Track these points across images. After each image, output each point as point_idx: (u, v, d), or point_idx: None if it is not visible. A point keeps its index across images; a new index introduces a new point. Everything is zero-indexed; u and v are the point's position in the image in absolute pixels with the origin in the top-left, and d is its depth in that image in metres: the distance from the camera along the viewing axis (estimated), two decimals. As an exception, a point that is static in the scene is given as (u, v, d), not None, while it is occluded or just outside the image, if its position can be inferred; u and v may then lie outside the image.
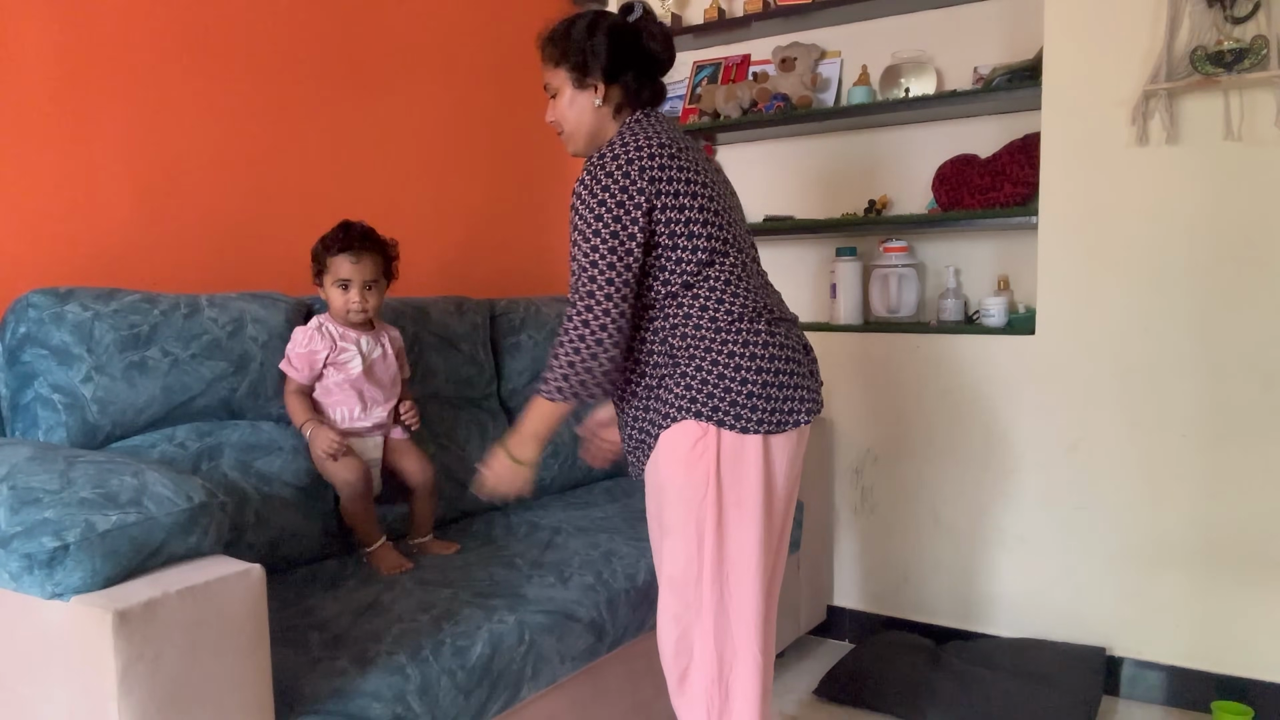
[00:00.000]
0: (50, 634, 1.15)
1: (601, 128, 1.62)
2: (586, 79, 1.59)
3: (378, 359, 1.98)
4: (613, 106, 1.61)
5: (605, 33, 1.58)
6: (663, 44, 1.63)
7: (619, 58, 1.58)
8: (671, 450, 1.56)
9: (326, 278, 1.92)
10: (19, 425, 1.64)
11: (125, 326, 1.70)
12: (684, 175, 1.53)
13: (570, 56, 1.59)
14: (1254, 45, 2.15)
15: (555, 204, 3.21)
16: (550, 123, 1.66)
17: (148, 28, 2.01)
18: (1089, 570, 2.48)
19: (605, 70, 1.58)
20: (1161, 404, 2.36)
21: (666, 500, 1.59)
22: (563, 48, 1.60)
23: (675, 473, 1.55)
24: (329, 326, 1.93)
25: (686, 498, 1.55)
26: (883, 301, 2.82)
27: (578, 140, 1.65)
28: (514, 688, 1.59)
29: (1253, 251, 2.24)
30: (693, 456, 1.53)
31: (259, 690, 1.24)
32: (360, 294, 1.91)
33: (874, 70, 2.90)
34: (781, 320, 1.61)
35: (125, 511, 1.18)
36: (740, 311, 1.55)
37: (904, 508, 2.73)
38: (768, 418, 1.53)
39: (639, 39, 1.60)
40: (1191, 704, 2.37)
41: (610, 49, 1.58)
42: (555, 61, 1.61)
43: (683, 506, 1.56)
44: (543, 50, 1.63)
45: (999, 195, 2.58)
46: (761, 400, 1.53)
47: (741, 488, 1.54)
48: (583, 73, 1.59)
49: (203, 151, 2.13)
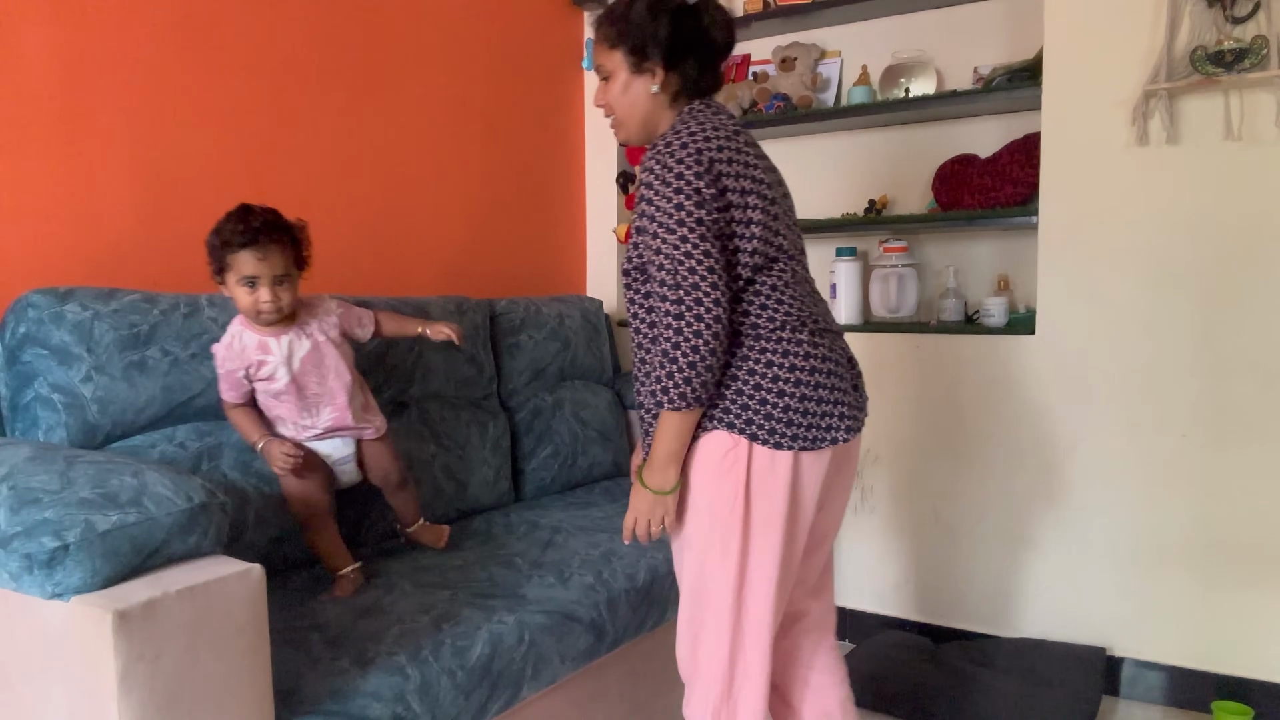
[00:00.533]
0: (50, 634, 1.15)
1: (656, 115, 1.55)
2: (645, 63, 1.51)
3: (307, 355, 1.77)
4: (670, 94, 1.53)
5: (668, 15, 1.49)
6: (724, 30, 1.54)
7: (680, 42, 1.49)
8: (700, 461, 1.48)
9: (229, 276, 1.68)
10: (19, 425, 1.64)
11: (125, 326, 1.70)
12: (749, 172, 1.46)
13: (629, 38, 1.50)
14: (1254, 45, 2.15)
15: (555, 204, 3.21)
16: (599, 106, 1.58)
17: (148, 28, 2.01)
18: (1089, 570, 2.48)
19: (665, 55, 1.49)
20: (1161, 404, 2.36)
21: (690, 511, 1.51)
22: (621, 28, 1.51)
23: (703, 484, 1.48)
24: (240, 338, 1.73)
25: (714, 511, 1.47)
26: (883, 301, 2.82)
27: (629, 127, 1.57)
28: (514, 688, 1.59)
29: (1253, 251, 2.24)
30: (722, 468, 1.46)
31: (259, 690, 1.24)
32: (271, 291, 1.68)
33: (874, 70, 2.90)
34: (825, 331, 1.52)
35: (125, 511, 1.18)
36: (784, 320, 1.46)
37: (904, 508, 2.73)
38: (802, 434, 1.45)
39: (700, 22, 1.52)
40: (1191, 704, 2.37)
41: (672, 32, 1.49)
42: (611, 43, 1.52)
43: (708, 519, 1.48)
44: (598, 29, 1.55)
45: (999, 195, 2.58)
46: (798, 415, 1.44)
47: (774, 504, 1.46)
48: (641, 56, 1.50)
49: (203, 151, 2.13)
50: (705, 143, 1.42)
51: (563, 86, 3.21)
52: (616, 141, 1.58)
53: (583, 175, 3.33)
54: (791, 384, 1.44)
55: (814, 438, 1.46)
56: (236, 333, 1.73)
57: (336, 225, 2.44)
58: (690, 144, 1.42)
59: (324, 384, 1.79)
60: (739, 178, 1.44)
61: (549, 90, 3.15)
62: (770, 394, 1.44)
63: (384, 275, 2.56)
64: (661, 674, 2.05)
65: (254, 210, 1.69)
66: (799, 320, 1.48)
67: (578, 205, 3.32)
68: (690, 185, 1.39)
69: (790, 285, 1.49)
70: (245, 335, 1.72)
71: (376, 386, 2.19)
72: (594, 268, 3.34)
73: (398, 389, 2.25)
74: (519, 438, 2.55)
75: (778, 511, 1.47)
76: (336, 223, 2.44)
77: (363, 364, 2.15)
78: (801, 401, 1.44)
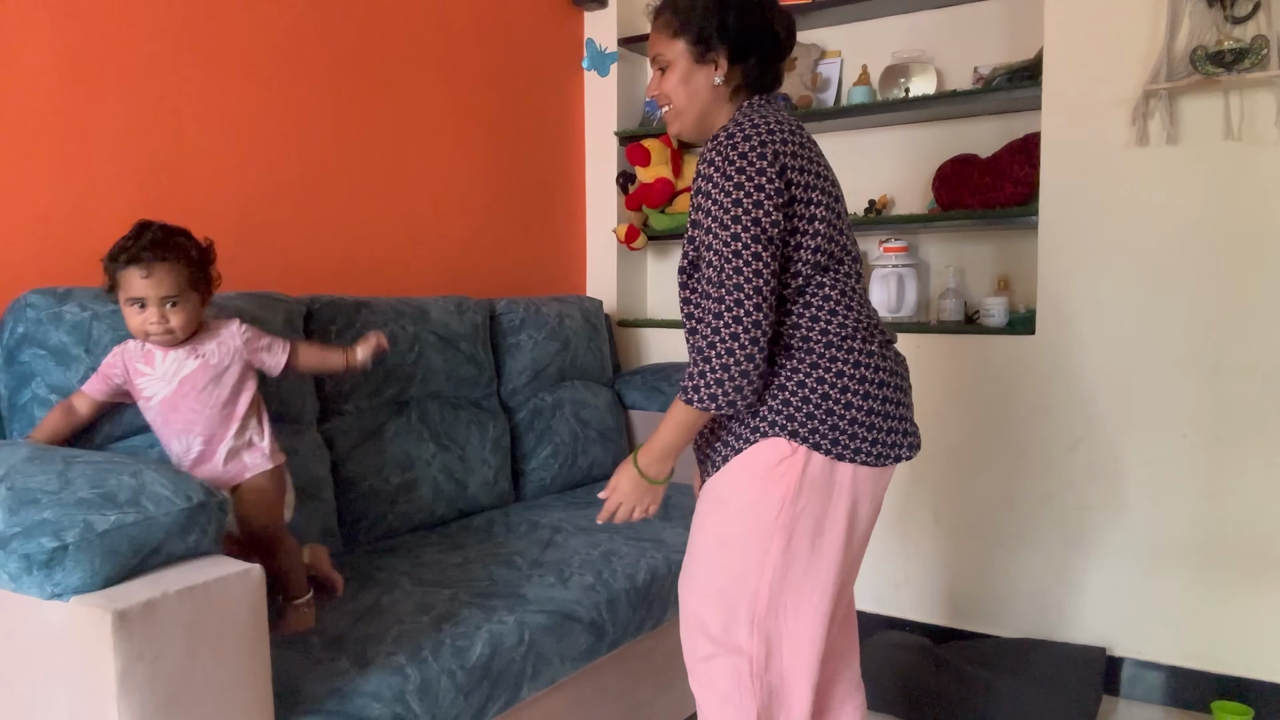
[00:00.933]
0: (50, 634, 1.14)
1: (714, 109, 1.49)
2: (709, 53, 1.45)
3: (193, 375, 1.59)
4: (731, 88, 1.47)
5: (735, 6, 1.44)
6: (787, 27, 1.49)
7: (747, 35, 1.44)
8: (749, 465, 1.41)
9: (119, 294, 1.55)
10: (17, 425, 1.64)
11: (123, 327, 1.69)
12: (812, 168, 1.41)
13: (693, 27, 1.44)
14: (1254, 45, 2.15)
15: (555, 204, 3.21)
16: (654, 97, 1.52)
17: (148, 28, 2.01)
18: (1089, 570, 2.48)
19: (731, 47, 1.44)
20: (1161, 404, 2.36)
21: (729, 512, 1.44)
22: (685, 17, 1.45)
23: (747, 487, 1.41)
24: (131, 345, 1.60)
25: (757, 514, 1.40)
26: (883, 301, 2.82)
27: (686, 119, 1.50)
28: (514, 688, 1.59)
29: (1253, 251, 2.23)
30: (773, 475, 1.39)
31: (259, 690, 1.24)
32: (158, 312, 1.53)
33: (874, 70, 2.90)
34: (889, 343, 1.47)
35: (124, 511, 1.18)
36: (854, 327, 1.41)
37: (904, 508, 2.73)
38: (866, 447, 1.39)
39: (766, 17, 1.47)
40: (1191, 704, 2.37)
41: (740, 24, 1.44)
42: (674, 32, 1.46)
43: (751, 520, 1.41)
44: (658, 18, 1.49)
45: (999, 195, 2.58)
46: (864, 429, 1.38)
47: (823, 517, 1.40)
48: (706, 46, 1.45)
49: (203, 151, 2.13)
50: (769, 135, 1.37)
51: (563, 86, 3.21)
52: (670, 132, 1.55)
53: (583, 175, 3.33)
54: (861, 395, 1.39)
55: (878, 453, 1.40)
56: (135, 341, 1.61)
57: (336, 225, 2.44)
58: (754, 136, 1.36)
59: (201, 412, 1.58)
60: (804, 172, 1.39)
61: (549, 90, 3.15)
62: (838, 404, 1.38)
63: (384, 275, 2.56)
64: (661, 674, 2.05)
65: (150, 226, 1.55)
66: (868, 329, 1.43)
67: (578, 205, 3.32)
68: (752, 181, 1.34)
69: (855, 291, 1.45)
70: (135, 341, 1.61)
71: (376, 387, 2.20)
72: (594, 268, 3.34)
73: (398, 389, 2.25)
74: (519, 438, 2.55)
75: (836, 525, 1.41)
76: (336, 223, 2.44)
77: (362, 364, 2.15)
78: (869, 415, 1.39)
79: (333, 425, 2.10)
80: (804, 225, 1.39)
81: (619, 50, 3.23)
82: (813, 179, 1.40)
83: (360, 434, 2.13)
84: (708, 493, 1.49)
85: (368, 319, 2.18)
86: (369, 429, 2.15)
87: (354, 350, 1.80)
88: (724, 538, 1.45)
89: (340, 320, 2.13)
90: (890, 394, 1.42)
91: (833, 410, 1.38)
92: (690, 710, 2.13)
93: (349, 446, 2.10)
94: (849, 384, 1.38)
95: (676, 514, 2.34)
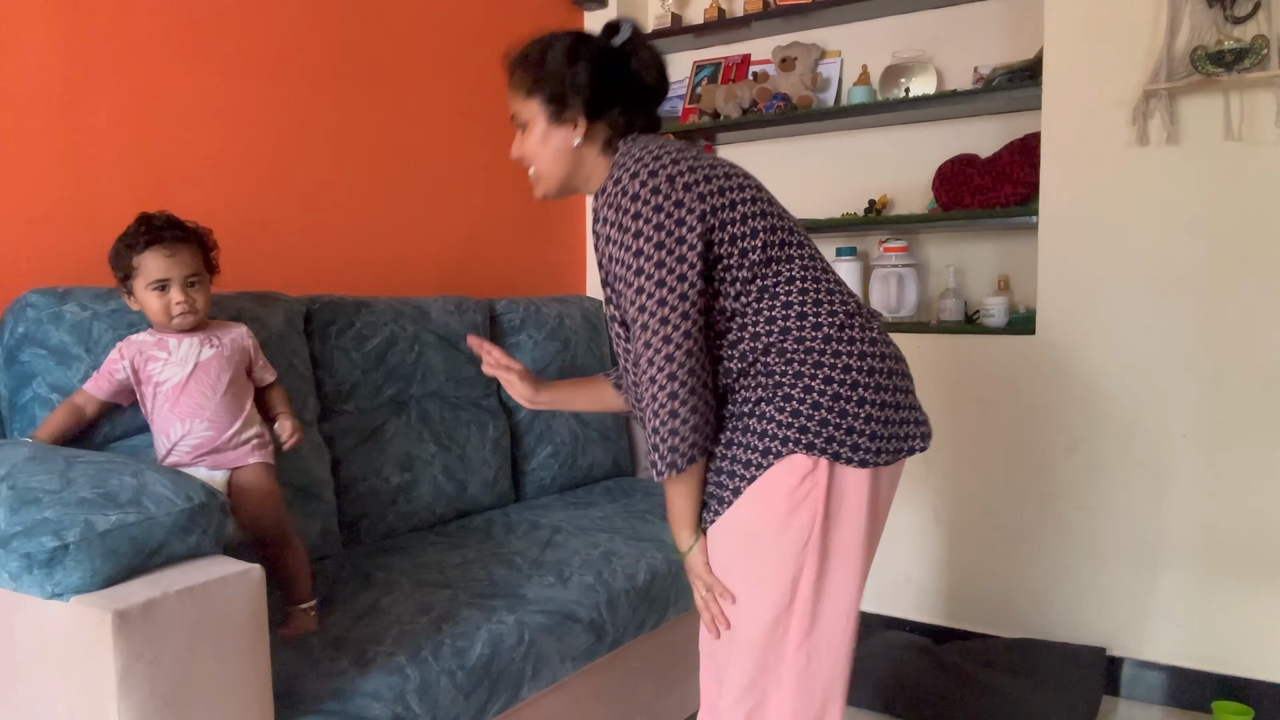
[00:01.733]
0: (50, 634, 1.14)
1: (580, 168, 1.40)
2: (565, 113, 1.36)
3: (207, 362, 1.61)
4: (599, 144, 1.38)
5: (589, 60, 1.35)
6: (656, 72, 1.40)
7: (604, 90, 1.35)
8: (768, 492, 1.27)
9: (137, 282, 1.57)
10: (17, 425, 1.64)
11: (123, 326, 1.69)
12: (717, 172, 1.30)
13: (545, 86, 1.36)
14: (1254, 45, 2.15)
15: (555, 204, 3.21)
16: (516, 159, 1.44)
17: (148, 28, 2.01)
18: (1089, 570, 2.48)
19: (588, 104, 1.35)
20: (1162, 404, 2.36)
21: (756, 551, 1.30)
22: (536, 75, 1.37)
23: (772, 516, 1.28)
24: (138, 338, 1.61)
25: (784, 546, 1.28)
26: (883, 301, 2.82)
27: (549, 182, 1.42)
28: (514, 688, 1.58)
29: (1253, 251, 2.23)
30: (796, 497, 1.26)
31: (259, 690, 1.24)
32: (183, 292, 1.56)
33: (874, 70, 2.90)
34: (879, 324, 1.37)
35: (125, 511, 1.18)
36: (846, 313, 1.31)
37: (904, 508, 2.73)
38: (886, 445, 1.29)
39: (627, 65, 1.37)
40: (1191, 704, 2.37)
41: (594, 79, 1.34)
42: (527, 90, 1.38)
43: (777, 556, 1.29)
44: (511, 75, 1.41)
45: (999, 195, 2.58)
46: (880, 424, 1.28)
47: (851, 525, 1.30)
48: (560, 105, 1.36)
49: (203, 151, 2.13)
50: (657, 162, 1.27)
51: (562, 86, 3.21)
52: (536, 195, 1.47)
53: (582, 175, 3.33)
54: (872, 389, 1.28)
55: (895, 448, 1.30)
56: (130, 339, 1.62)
57: (336, 225, 2.44)
58: (643, 172, 1.26)
59: (211, 398, 1.59)
60: (709, 180, 1.28)
61: (549, 90, 3.15)
62: (851, 403, 1.26)
63: (384, 275, 2.56)
64: (661, 674, 2.05)
65: (154, 215, 1.59)
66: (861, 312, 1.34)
67: (578, 205, 3.32)
68: (651, 223, 1.24)
69: (828, 272, 1.35)
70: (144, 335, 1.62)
71: (377, 386, 2.20)
72: (593, 268, 3.34)
73: (398, 389, 2.25)
74: (519, 438, 2.55)
75: (857, 537, 1.31)
76: (336, 223, 2.44)
77: (363, 363, 2.15)
78: (883, 409, 1.28)
79: (333, 425, 2.10)
80: (738, 229, 1.28)
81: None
82: (722, 181, 1.29)
83: (360, 434, 2.13)
84: (724, 530, 1.33)
85: (368, 319, 2.18)
86: (369, 429, 2.15)
87: (285, 425, 1.71)
88: (757, 578, 1.31)
89: (340, 320, 2.13)
90: (899, 381, 1.33)
91: (847, 411, 1.26)
92: (690, 710, 2.13)
93: (349, 446, 2.10)
94: (859, 378, 1.27)
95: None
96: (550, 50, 1.38)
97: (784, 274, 1.31)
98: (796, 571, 1.29)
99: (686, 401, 1.25)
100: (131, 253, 1.56)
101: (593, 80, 1.35)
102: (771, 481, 1.27)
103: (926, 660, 2.45)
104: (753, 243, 1.29)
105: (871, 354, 1.30)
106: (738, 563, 1.33)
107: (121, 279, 1.59)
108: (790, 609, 1.30)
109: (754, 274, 1.29)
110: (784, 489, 1.27)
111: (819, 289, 1.32)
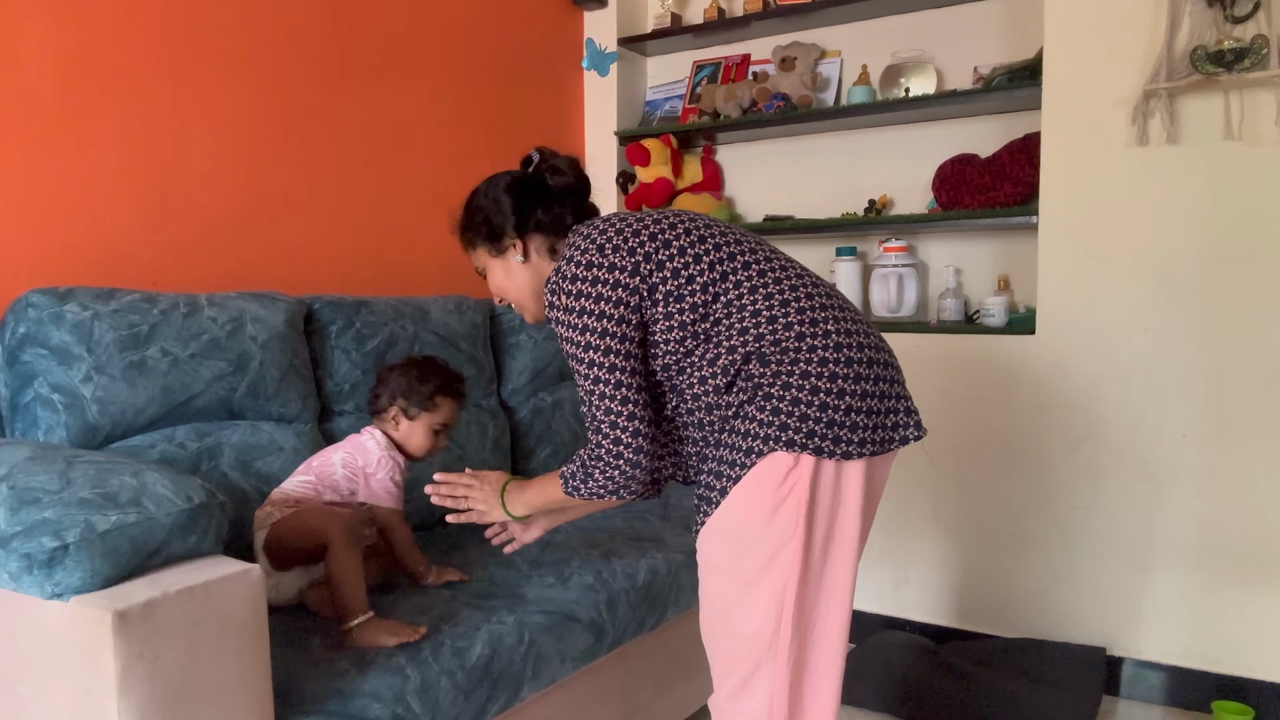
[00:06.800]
0: (50, 634, 1.15)
1: (541, 279, 1.51)
2: (503, 241, 1.50)
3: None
4: (544, 251, 1.51)
5: (504, 189, 1.50)
6: (573, 174, 1.53)
7: (525, 206, 1.49)
8: (753, 491, 1.31)
9: (420, 417, 1.81)
10: (19, 425, 1.64)
11: (125, 326, 1.70)
12: (645, 221, 1.41)
13: (480, 230, 1.51)
14: (1254, 45, 2.15)
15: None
16: (499, 303, 1.60)
17: (148, 28, 2.01)
18: (1089, 570, 2.48)
19: (516, 224, 1.49)
20: (1162, 404, 2.36)
21: (744, 547, 1.34)
22: (470, 230, 1.53)
23: (758, 514, 1.31)
24: (392, 454, 1.81)
25: (771, 542, 1.32)
26: (883, 301, 2.82)
27: (530, 305, 1.54)
28: (514, 688, 1.59)
29: (1253, 251, 2.23)
30: (779, 495, 1.30)
31: (259, 690, 1.24)
32: (448, 438, 1.87)
33: (874, 70, 2.90)
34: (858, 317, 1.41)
35: (125, 511, 1.18)
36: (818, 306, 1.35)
37: (904, 508, 2.73)
38: (871, 435, 1.31)
39: (543, 181, 1.52)
40: (1191, 704, 2.37)
41: (514, 202, 1.49)
42: (471, 244, 1.55)
43: (765, 553, 1.32)
44: (460, 239, 1.57)
45: (999, 195, 2.58)
46: (863, 415, 1.30)
47: (836, 523, 1.33)
48: (497, 238, 1.50)
49: (203, 151, 2.13)
50: (587, 240, 1.40)
51: (563, 86, 3.21)
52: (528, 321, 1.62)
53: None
54: (853, 380, 1.31)
55: (881, 439, 1.33)
56: (386, 451, 1.80)
57: (337, 225, 2.44)
58: (574, 255, 1.39)
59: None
60: (638, 234, 1.39)
61: (549, 90, 3.15)
62: (831, 395, 1.29)
63: (384, 275, 2.56)
64: (661, 674, 2.05)
65: (439, 362, 1.87)
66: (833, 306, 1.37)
67: (578, 205, 3.32)
68: (587, 300, 1.36)
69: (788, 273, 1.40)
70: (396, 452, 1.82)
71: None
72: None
73: (398, 389, 2.24)
74: (519, 438, 2.55)
75: (848, 529, 1.34)
76: (337, 223, 2.44)
77: (363, 364, 2.15)
78: (864, 399, 1.31)
79: (333, 425, 2.10)
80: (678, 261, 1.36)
81: (619, 50, 3.23)
82: (653, 228, 1.40)
83: (360, 434, 2.13)
84: (713, 531, 1.37)
85: (368, 319, 2.18)
86: (369, 429, 2.15)
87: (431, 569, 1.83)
88: (746, 576, 1.35)
89: (340, 320, 2.13)
90: (880, 371, 1.35)
91: (827, 404, 1.29)
92: (690, 710, 2.14)
93: (349, 446, 2.10)
94: (836, 369, 1.30)
95: (676, 514, 2.34)
96: (472, 199, 1.55)
97: (745, 284, 1.36)
98: (785, 567, 1.32)
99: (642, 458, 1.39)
100: (438, 394, 1.82)
101: (515, 204, 1.50)
102: (755, 480, 1.31)
103: (926, 660, 2.45)
104: (698, 267, 1.36)
105: (847, 345, 1.33)
106: (727, 563, 1.37)
107: (405, 406, 1.81)
108: (781, 603, 1.33)
109: (711, 295, 1.36)
110: (768, 487, 1.30)
111: (782, 290, 1.36)
